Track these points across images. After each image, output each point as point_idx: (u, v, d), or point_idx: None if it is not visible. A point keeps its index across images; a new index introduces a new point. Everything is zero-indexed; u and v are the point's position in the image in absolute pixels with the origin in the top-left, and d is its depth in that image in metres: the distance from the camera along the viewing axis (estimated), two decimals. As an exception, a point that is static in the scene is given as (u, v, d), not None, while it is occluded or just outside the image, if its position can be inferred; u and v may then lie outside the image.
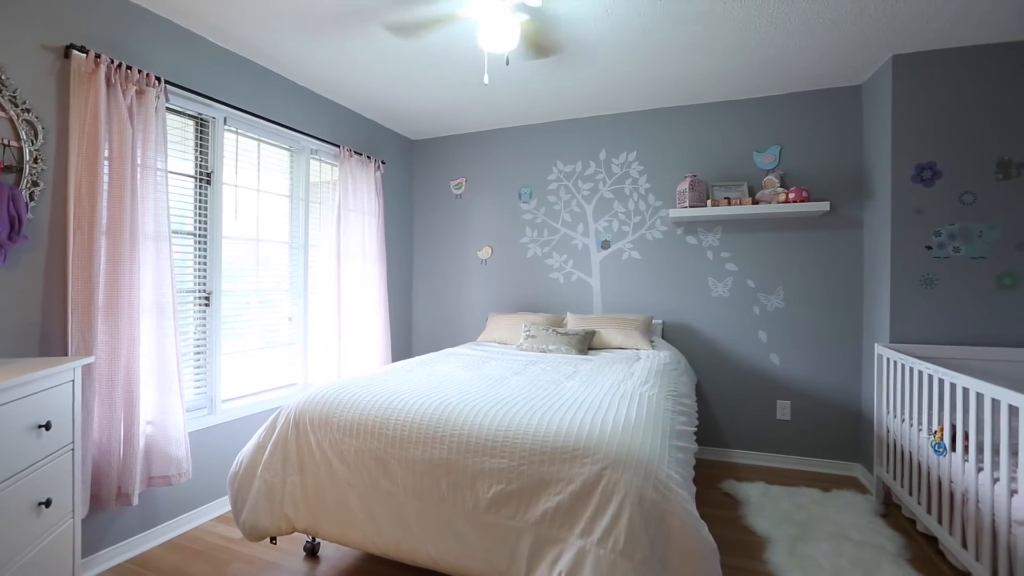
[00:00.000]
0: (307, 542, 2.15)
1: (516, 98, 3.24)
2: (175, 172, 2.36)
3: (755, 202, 3.04)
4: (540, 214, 3.73)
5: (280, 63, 2.73)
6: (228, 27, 2.33)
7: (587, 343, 3.01)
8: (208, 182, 2.50)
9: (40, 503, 1.43)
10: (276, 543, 2.11)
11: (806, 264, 3.08)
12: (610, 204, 3.52)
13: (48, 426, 1.44)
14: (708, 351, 3.29)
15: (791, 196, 2.88)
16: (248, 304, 2.75)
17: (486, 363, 2.57)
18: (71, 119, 1.90)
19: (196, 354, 2.45)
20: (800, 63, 2.69)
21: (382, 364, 3.45)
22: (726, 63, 2.70)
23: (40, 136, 1.80)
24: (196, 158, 2.47)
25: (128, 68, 2.00)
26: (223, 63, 2.52)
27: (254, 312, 2.79)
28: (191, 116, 2.44)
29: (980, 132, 2.46)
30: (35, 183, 1.79)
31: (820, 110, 3.04)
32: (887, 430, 2.53)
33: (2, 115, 1.71)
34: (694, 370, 3.29)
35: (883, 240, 2.67)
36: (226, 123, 2.57)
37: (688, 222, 3.30)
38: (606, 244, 3.54)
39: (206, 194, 2.50)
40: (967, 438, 1.94)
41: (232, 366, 2.64)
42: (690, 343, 3.33)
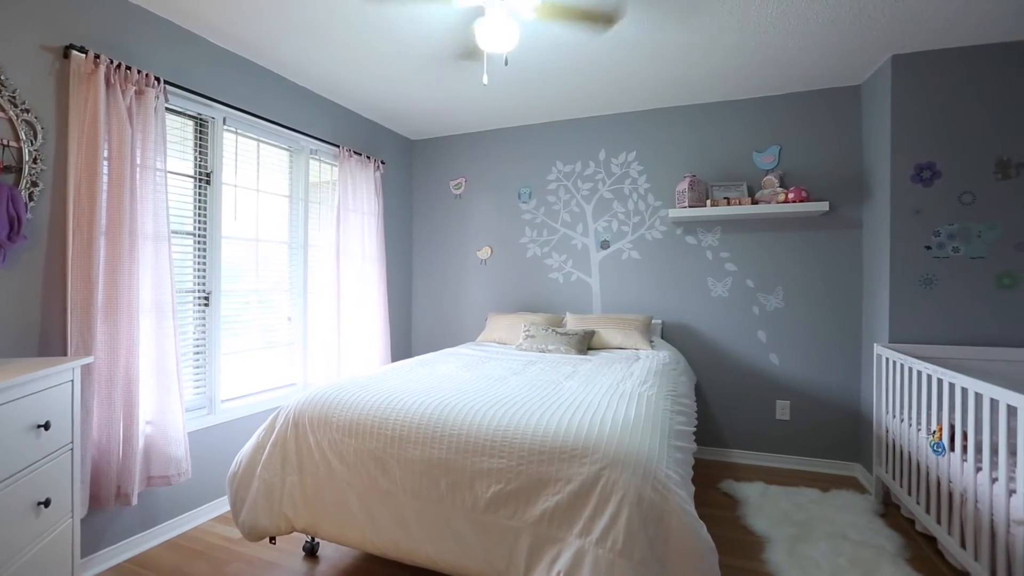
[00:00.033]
0: (306, 542, 2.16)
1: (515, 98, 3.24)
2: (174, 172, 2.36)
3: (754, 202, 3.04)
4: (539, 214, 3.73)
5: (279, 63, 2.73)
6: (227, 27, 2.34)
7: (586, 343, 3.01)
8: (207, 182, 2.50)
9: (39, 503, 1.43)
10: (275, 543, 2.11)
11: (805, 264, 3.08)
12: (609, 204, 3.52)
13: (47, 426, 1.45)
14: (707, 351, 3.29)
15: (790, 196, 2.88)
16: (247, 304, 2.75)
17: (485, 363, 2.57)
18: (70, 119, 1.90)
19: (195, 354, 2.45)
20: (799, 63, 2.69)
21: (381, 364, 3.46)
22: (725, 63, 2.70)
23: (39, 136, 1.80)
24: (195, 158, 2.47)
25: (127, 68, 2.00)
26: (222, 63, 2.53)
27: (253, 312, 2.79)
28: (190, 116, 2.44)
29: (979, 132, 2.46)
30: (34, 183, 1.79)
31: (819, 110, 3.04)
32: (886, 430, 2.53)
33: (1, 115, 1.71)
34: (693, 370, 3.29)
35: (882, 240, 2.67)
36: (225, 123, 2.57)
37: (687, 222, 3.30)
38: (605, 244, 3.54)
39: (205, 194, 2.50)
40: (966, 438, 1.95)
41: (231, 366, 2.64)
42: (689, 343, 3.33)
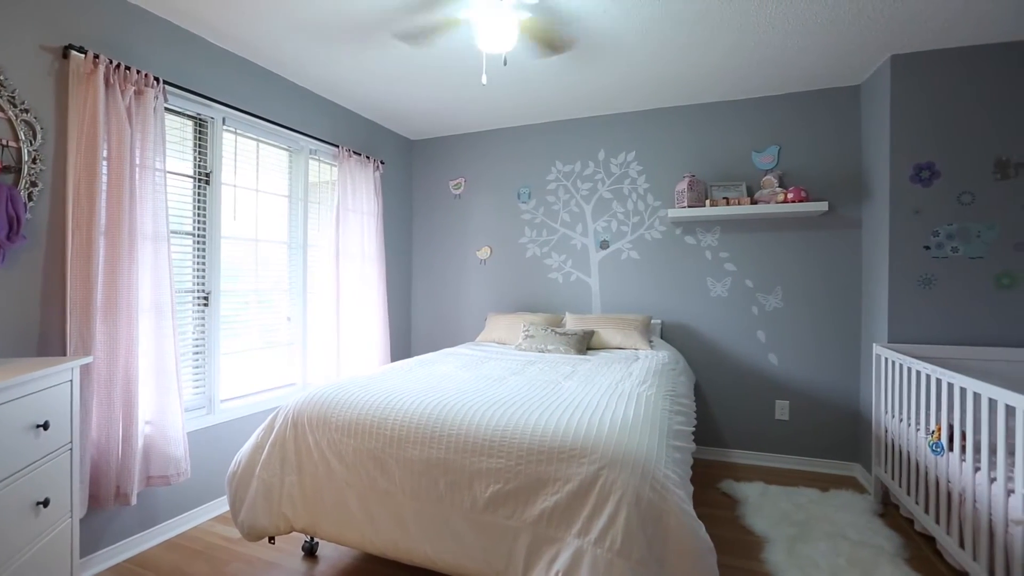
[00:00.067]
0: (305, 542, 2.16)
1: (515, 98, 3.24)
2: (174, 172, 2.36)
3: (754, 202, 3.04)
4: (539, 214, 3.74)
5: (279, 63, 2.73)
6: (227, 27, 2.34)
7: (586, 343, 3.01)
8: (207, 182, 2.50)
9: (38, 503, 1.43)
10: (274, 543, 2.12)
11: (805, 264, 3.09)
12: (609, 204, 3.53)
13: (46, 426, 1.45)
14: (707, 351, 3.29)
15: (790, 196, 2.88)
16: (247, 304, 2.75)
17: (484, 363, 2.57)
18: (70, 119, 1.90)
19: (195, 354, 2.45)
20: (799, 63, 2.69)
21: (381, 364, 3.46)
22: (725, 63, 2.70)
23: (39, 136, 1.80)
24: (195, 158, 2.47)
25: (127, 68, 2.00)
26: (222, 63, 2.53)
27: (253, 312, 2.79)
28: (190, 116, 2.44)
29: (978, 132, 2.46)
30: (34, 183, 1.79)
31: (819, 110, 3.05)
32: (885, 430, 2.53)
33: (1, 115, 1.71)
34: (693, 370, 3.29)
35: (881, 240, 2.68)
36: (225, 123, 2.57)
37: (687, 222, 3.30)
38: (605, 244, 3.54)
39: (205, 194, 2.50)
40: (964, 438, 1.95)
41: (231, 366, 2.64)
42: (689, 343, 3.33)
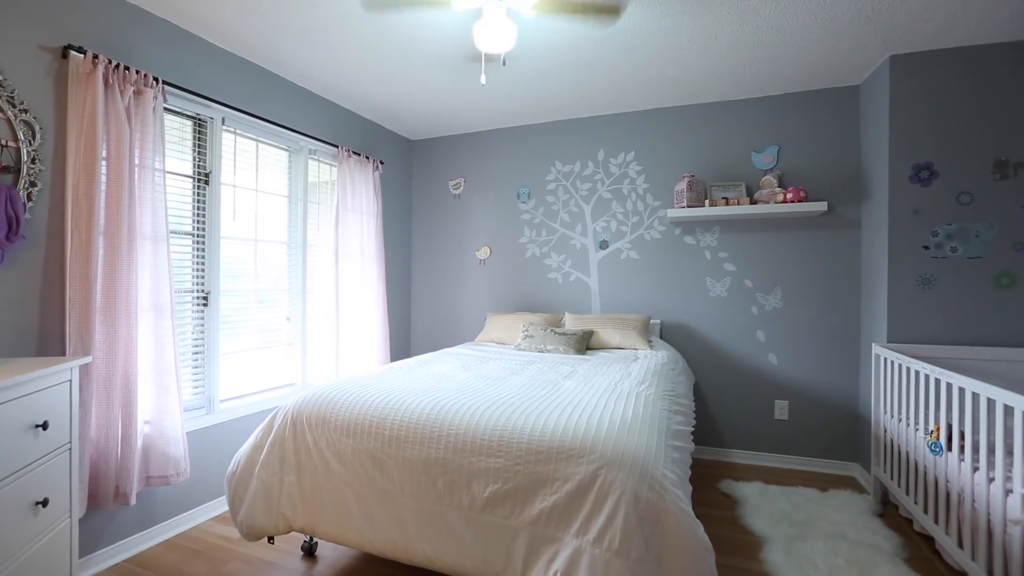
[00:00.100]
0: (305, 542, 2.16)
1: (514, 98, 3.24)
2: (173, 172, 2.36)
3: (753, 202, 3.04)
4: (538, 214, 3.74)
5: (278, 63, 2.73)
6: (226, 28, 2.34)
7: (585, 343, 3.01)
8: (206, 182, 2.50)
9: (37, 503, 1.43)
10: (274, 543, 2.12)
11: (804, 264, 3.09)
12: (608, 204, 3.53)
13: (45, 426, 1.45)
14: (706, 351, 3.29)
15: (789, 196, 2.88)
16: (246, 304, 2.75)
17: (484, 363, 2.57)
18: (69, 119, 1.90)
19: (194, 354, 2.45)
20: (798, 63, 2.69)
21: (380, 364, 3.46)
22: (724, 63, 2.70)
23: (38, 136, 1.80)
24: (194, 158, 2.47)
25: (126, 68, 2.00)
26: (221, 63, 2.53)
27: (252, 312, 2.79)
28: (189, 116, 2.44)
29: (977, 132, 2.46)
30: (33, 183, 1.79)
31: (818, 110, 3.05)
32: (884, 430, 2.54)
33: (0, 115, 1.71)
34: (692, 370, 3.29)
35: (881, 240, 2.68)
36: (224, 123, 2.57)
37: (686, 222, 3.30)
38: (604, 244, 3.54)
39: (204, 194, 2.50)
40: (963, 438, 1.94)
41: (230, 366, 2.64)
42: (688, 343, 3.33)
